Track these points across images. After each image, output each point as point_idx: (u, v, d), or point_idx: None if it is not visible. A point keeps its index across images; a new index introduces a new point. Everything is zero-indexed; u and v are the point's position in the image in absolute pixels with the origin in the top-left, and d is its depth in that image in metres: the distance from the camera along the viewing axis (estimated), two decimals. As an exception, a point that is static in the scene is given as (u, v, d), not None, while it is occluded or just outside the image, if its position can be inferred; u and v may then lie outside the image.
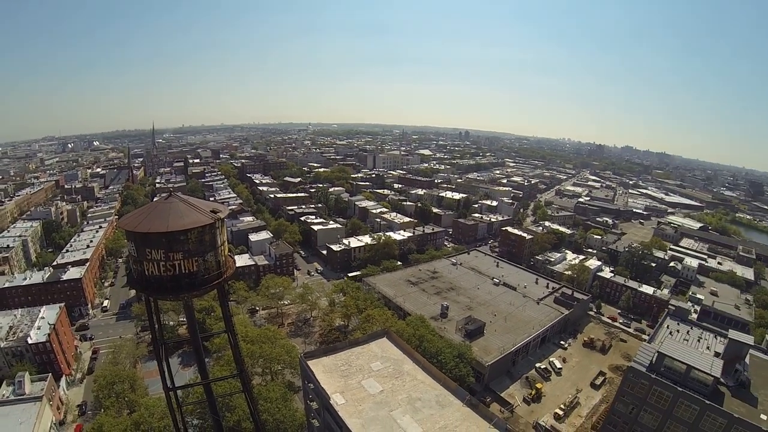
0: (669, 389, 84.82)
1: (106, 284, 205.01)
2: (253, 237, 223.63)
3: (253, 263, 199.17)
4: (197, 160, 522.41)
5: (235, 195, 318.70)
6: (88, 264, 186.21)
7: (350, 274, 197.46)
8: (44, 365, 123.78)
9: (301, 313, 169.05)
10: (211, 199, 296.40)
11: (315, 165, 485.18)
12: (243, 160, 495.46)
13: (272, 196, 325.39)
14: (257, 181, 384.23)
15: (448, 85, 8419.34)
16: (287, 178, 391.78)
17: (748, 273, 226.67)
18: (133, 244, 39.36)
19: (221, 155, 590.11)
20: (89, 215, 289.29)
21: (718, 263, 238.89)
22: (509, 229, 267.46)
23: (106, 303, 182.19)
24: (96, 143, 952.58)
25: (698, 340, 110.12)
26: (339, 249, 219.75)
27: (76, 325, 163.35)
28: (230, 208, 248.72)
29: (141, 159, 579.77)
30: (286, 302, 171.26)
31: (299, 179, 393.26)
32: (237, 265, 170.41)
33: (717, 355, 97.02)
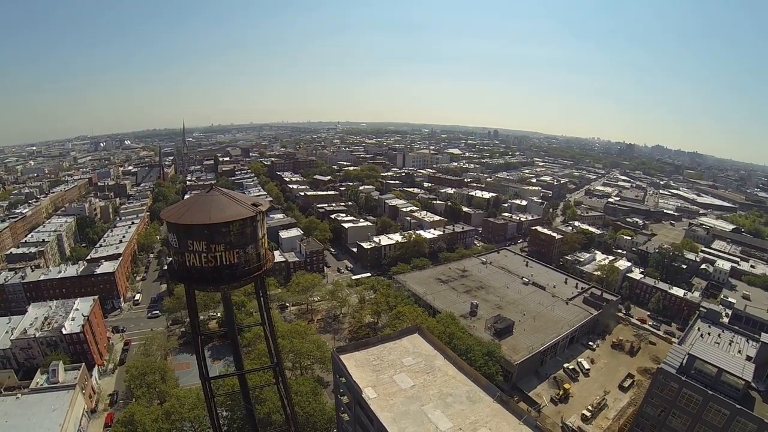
0: (699, 392, 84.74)
1: (138, 278, 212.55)
2: (284, 234, 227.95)
3: (284, 260, 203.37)
4: (227, 159, 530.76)
5: (265, 193, 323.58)
6: (120, 259, 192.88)
7: (364, 275, 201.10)
8: (78, 355, 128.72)
9: (331, 310, 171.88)
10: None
11: (344, 163, 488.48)
12: (272, 159, 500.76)
13: (302, 194, 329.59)
14: (287, 179, 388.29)
15: (476, 83, 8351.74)
16: (317, 176, 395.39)
17: None
18: (174, 235, 39.97)
19: (251, 154, 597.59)
20: (121, 211, 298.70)
21: (751, 266, 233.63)
22: (539, 228, 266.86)
23: (138, 296, 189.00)
24: (127, 142, 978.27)
25: (729, 344, 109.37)
26: (369, 247, 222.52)
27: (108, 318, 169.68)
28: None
29: (171, 157, 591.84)
30: (316, 299, 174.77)
31: (329, 177, 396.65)
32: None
33: (749, 359, 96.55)
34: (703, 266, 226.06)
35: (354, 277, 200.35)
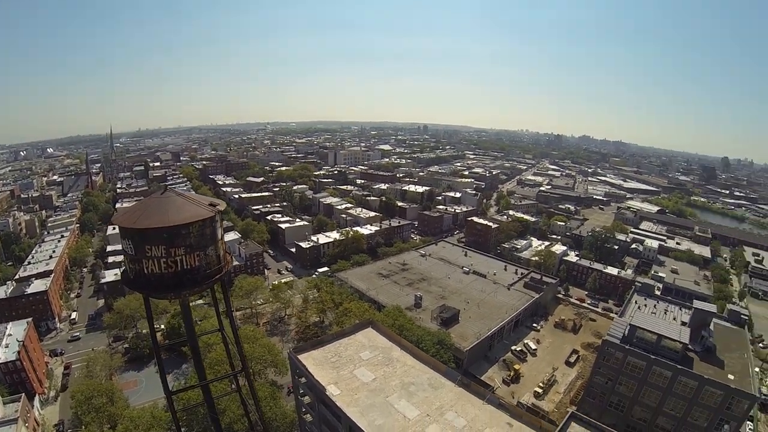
0: (643, 358, 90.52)
1: (73, 296, 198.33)
2: None
3: None
4: (158, 164, 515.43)
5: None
6: (52, 276, 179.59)
7: (319, 270, 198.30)
8: (15, 385, 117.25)
9: (276, 312, 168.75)
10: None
11: (276, 164, 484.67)
12: (204, 162, 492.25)
13: (236, 196, 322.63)
14: (220, 182, 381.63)
15: (405, 79, 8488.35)
16: (250, 178, 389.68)
17: (705, 251, 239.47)
18: (129, 241, 38.08)
19: (181, 158, 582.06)
20: (49, 225, 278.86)
21: (677, 243, 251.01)
22: (475, 219, 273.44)
23: (74, 315, 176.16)
24: (50, 150, 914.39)
25: (665, 313, 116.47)
26: (308, 246, 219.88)
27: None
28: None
29: (99, 165, 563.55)
30: (260, 302, 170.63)
31: (262, 179, 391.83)
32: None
33: (684, 324, 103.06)
34: (633, 246, 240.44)
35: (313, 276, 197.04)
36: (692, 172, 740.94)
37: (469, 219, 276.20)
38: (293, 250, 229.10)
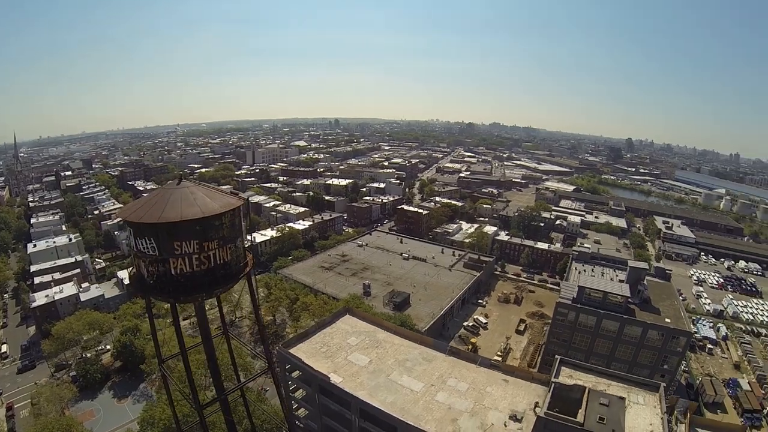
0: (593, 314, 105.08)
1: None
2: None
3: None
4: (69, 173, 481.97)
5: (120, 205, 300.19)
6: None
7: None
8: None
9: (226, 315, 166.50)
10: (96, 212, 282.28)
11: (195, 166, 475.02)
12: (120, 168, 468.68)
13: None
14: (141, 188, 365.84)
15: (313, 75, 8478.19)
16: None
17: (621, 223, 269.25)
18: (152, 240, 34.72)
19: (94, 165, 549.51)
20: None
21: (595, 217, 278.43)
22: (405, 207, 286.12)
23: (4, 348, 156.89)
24: None
25: (602, 275, 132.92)
26: (246, 245, 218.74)
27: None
28: (117, 221, 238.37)
29: (2, 177, 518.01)
30: (206, 307, 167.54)
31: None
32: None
33: (621, 281, 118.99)
34: (557, 222, 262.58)
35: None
36: (600, 153, 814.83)
37: (399, 207, 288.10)
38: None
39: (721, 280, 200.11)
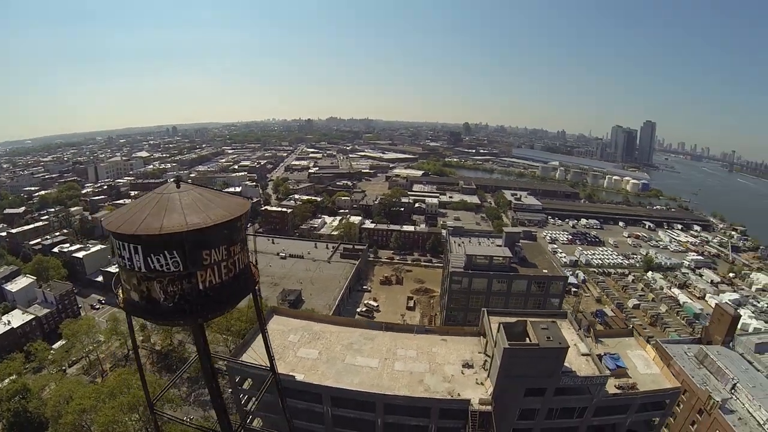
0: (484, 276, 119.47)
1: None
2: (11, 287, 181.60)
3: (34, 316, 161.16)
4: None
5: None
6: None
7: None
8: None
9: (117, 351, 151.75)
10: None
11: (33, 188, 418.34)
12: None
13: (3, 233, 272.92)
14: None
15: (149, 81, 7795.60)
16: (8, 211, 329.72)
17: (474, 199, 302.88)
18: (176, 253, 29.31)
19: None
20: None
21: (450, 197, 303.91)
22: (269, 207, 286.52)
23: None
24: None
25: (479, 244, 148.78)
26: (118, 270, 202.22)
27: None
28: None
29: None
30: (92, 345, 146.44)
31: (24, 208, 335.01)
32: (15, 325, 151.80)
33: (499, 246, 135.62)
34: (417, 205, 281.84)
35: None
36: (440, 138, 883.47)
37: (263, 208, 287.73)
38: (100, 278, 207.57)
39: (570, 237, 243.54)
